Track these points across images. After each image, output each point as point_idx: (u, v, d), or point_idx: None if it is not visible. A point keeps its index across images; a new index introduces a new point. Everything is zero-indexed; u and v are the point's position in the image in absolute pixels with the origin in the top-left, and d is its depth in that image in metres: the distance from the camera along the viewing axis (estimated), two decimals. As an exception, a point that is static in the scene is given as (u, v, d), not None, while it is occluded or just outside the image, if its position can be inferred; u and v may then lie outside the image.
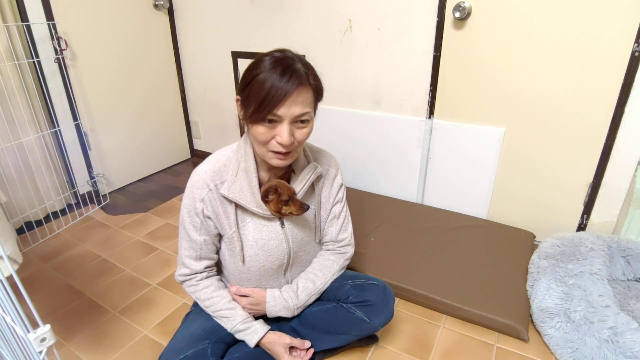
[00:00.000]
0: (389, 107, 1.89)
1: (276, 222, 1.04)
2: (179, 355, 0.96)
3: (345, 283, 1.13)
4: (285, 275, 1.12)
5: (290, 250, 1.07)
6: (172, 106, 2.57)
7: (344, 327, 1.10)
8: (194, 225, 1.00)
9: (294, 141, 0.89)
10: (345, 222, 1.16)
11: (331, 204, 1.12)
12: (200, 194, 0.96)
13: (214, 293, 1.06)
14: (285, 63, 0.85)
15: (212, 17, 2.25)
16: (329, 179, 1.11)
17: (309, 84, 0.88)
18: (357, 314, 1.08)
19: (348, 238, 1.17)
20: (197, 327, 1.05)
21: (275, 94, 0.82)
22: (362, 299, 1.09)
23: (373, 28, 1.79)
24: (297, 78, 0.84)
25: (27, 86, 1.80)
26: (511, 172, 1.69)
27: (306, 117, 0.90)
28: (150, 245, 1.79)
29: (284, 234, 1.05)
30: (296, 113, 0.86)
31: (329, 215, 1.14)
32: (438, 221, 1.77)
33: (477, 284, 1.39)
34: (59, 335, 1.31)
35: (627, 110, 1.41)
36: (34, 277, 1.60)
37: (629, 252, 1.42)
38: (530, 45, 1.49)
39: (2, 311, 0.61)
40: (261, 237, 1.02)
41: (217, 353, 1.01)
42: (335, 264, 1.15)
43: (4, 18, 1.69)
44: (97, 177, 2.16)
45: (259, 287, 1.09)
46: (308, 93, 0.88)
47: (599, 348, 1.11)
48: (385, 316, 1.10)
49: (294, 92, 0.84)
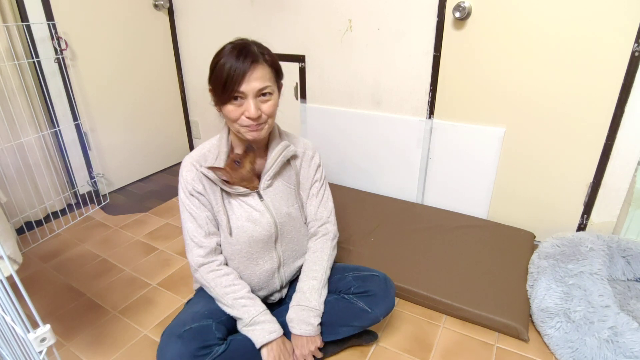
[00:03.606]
0: (389, 107, 1.89)
1: (254, 196, 1.10)
2: (185, 326, 0.98)
3: (346, 275, 1.17)
4: (276, 248, 1.13)
5: (274, 220, 1.10)
6: (172, 106, 2.57)
7: (346, 318, 1.12)
8: (194, 204, 1.06)
9: (261, 114, 1.01)
10: (324, 200, 1.21)
11: (310, 183, 1.19)
12: (190, 175, 1.06)
13: (236, 280, 1.09)
14: (240, 46, 0.98)
15: (212, 17, 2.25)
16: (306, 160, 1.19)
17: (265, 61, 1.00)
18: (359, 305, 1.11)
19: (327, 215, 1.20)
20: (201, 307, 1.08)
21: (235, 73, 0.95)
22: (364, 290, 1.12)
23: (373, 28, 1.79)
24: (251, 57, 0.97)
25: (27, 86, 1.80)
26: (511, 172, 1.69)
27: (268, 90, 1.01)
28: (150, 245, 1.79)
29: (264, 205, 1.10)
30: (257, 87, 0.98)
31: (309, 195, 1.19)
32: (438, 221, 1.77)
33: (477, 284, 1.39)
34: (59, 335, 1.31)
35: (627, 110, 1.41)
36: (34, 277, 1.60)
37: (629, 252, 1.42)
38: (530, 45, 1.49)
39: (2, 311, 0.61)
40: (245, 210, 1.08)
41: (221, 331, 1.02)
42: (324, 248, 1.18)
43: (4, 18, 1.69)
44: (97, 177, 2.16)
45: (251, 260, 1.11)
46: (265, 69, 0.99)
47: (599, 348, 1.11)
48: (386, 306, 1.13)
49: (250, 69, 0.96)
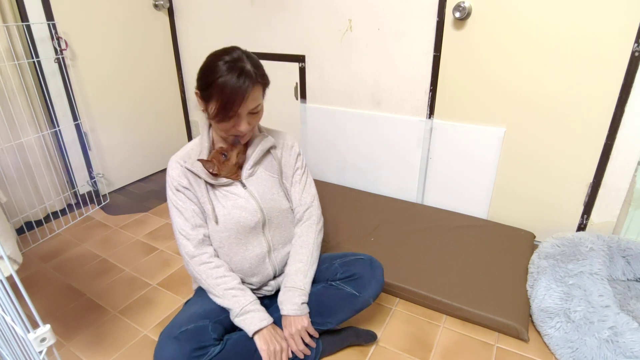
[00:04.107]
0: (388, 107, 1.89)
1: (238, 185, 1.14)
2: (181, 328, 1.00)
3: (333, 262, 1.20)
4: (265, 233, 1.15)
5: (260, 205, 1.13)
6: (172, 106, 2.57)
7: (336, 305, 1.13)
8: (180, 199, 1.10)
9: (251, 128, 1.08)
10: (307, 186, 1.24)
11: (292, 171, 1.23)
12: (175, 172, 1.10)
13: (227, 272, 1.11)
14: (238, 67, 1.00)
15: (212, 17, 2.25)
16: (286, 149, 1.23)
17: (259, 82, 1.04)
18: (347, 290, 1.13)
19: (310, 200, 1.23)
20: (198, 308, 1.09)
21: (236, 98, 1.00)
22: (349, 274, 1.15)
23: (373, 28, 1.79)
24: (250, 80, 1.00)
25: (27, 86, 1.80)
26: (511, 172, 1.69)
27: (258, 108, 1.07)
28: (150, 245, 1.79)
29: (248, 192, 1.13)
30: (251, 107, 1.04)
31: (292, 183, 1.23)
32: (438, 221, 1.77)
33: (477, 284, 1.39)
34: (59, 335, 1.31)
35: (627, 110, 1.41)
36: (34, 277, 1.60)
37: (629, 252, 1.42)
38: (530, 45, 1.49)
39: (2, 311, 0.61)
40: (230, 199, 1.12)
41: (217, 332, 1.04)
42: (309, 232, 1.20)
43: (4, 18, 1.69)
44: (97, 177, 2.16)
45: (240, 245, 1.12)
46: (259, 89, 1.05)
47: (599, 348, 1.11)
48: (374, 288, 1.14)
49: (247, 91, 1.00)
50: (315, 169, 2.22)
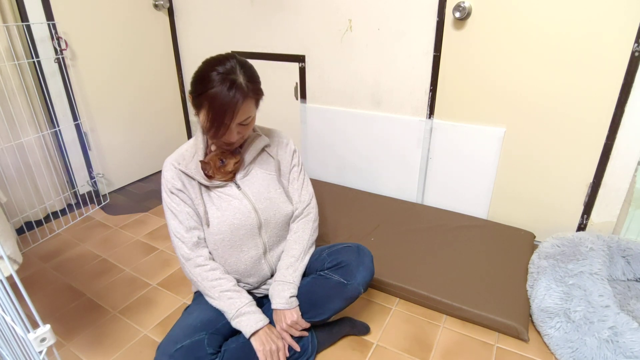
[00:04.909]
0: (388, 107, 1.89)
1: (232, 186, 1.13)
2: (176, 345, 0.99)
3: (322, 253, 1.20)
4: (261, 235, 1.15)
5: (254, 206, 1.12)
6: (172, 106, 2.57)
7: (326, 295, 1.12)
8: (174, 202, 1.10)
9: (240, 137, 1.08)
10: (305, 183, 1.26)
11: (289, 168, 1.23)
12: (170, 174, 1.10)
13: (222, 275, 1.11)
14: (230, 80, 0.98)
15: (212, 17, 2.25)
16: (282, 147, 1.23)
17: (250, 96, 1.02)
18: (335, 278, 1.12)
19: (309, 197, 1.24)
20: (195, 319, 1.08)
21: (226, 111, 0.99)
22: (336, 262, 1.14)
23: (373, 28, 1.79)
24: (241, 94, 0.99)
25: (27, 86, 1.80)
26: (511, 172, 1.69)
27: (249, 120, 1.06)
28: (150, 245, 1.79)
29: (242, 193, 1.13)
30: (241, 119, 1.03)
31: (289, 180, 1.24)
32: (438, 221, 1.77)
33: (477, 284, 1.39)
34: (59, 335, 1.31)
35: (627, 110, 1.41)
36: (34, 277, 1.60)
37: (629, 252, 1.42)
38: (530, 45, 1.49)
39: (2, 311, 0.61)
40: (224, 200, 1.12)
41: (214, 344, 1.03)
42: (306, 228, 1.21)
43: (4, 18, 1.69)
44: (97, 177, 2.16)
45: (234, 247, 1.12)
46: (250, 103, 1.03)
47: (599, 348, 1.11)
48: (362, 275, 1.11)
49: (239, 107, 1.00)
50: (315, 169, 2.22)
